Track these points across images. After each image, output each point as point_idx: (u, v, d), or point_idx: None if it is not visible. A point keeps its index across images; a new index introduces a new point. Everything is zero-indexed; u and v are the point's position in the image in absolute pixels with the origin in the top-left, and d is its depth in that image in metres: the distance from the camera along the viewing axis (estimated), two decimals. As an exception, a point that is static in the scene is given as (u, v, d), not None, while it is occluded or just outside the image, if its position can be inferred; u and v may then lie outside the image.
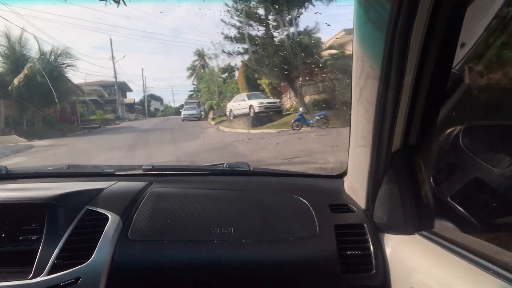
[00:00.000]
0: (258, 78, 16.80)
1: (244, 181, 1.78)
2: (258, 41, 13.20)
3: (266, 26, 13.08)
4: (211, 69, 25.48)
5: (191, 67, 31.06)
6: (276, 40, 13.24)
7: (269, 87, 16.75)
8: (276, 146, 8.64)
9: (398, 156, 1.19)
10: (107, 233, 1.33)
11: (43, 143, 13.00)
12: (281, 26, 12.76)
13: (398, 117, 1.10)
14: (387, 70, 1.02)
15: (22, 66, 16.28)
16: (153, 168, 1.74)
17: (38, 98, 15.66)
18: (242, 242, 1.36)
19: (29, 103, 15.81)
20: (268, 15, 12.94)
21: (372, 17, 1.03)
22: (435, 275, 1.00)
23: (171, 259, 1.32)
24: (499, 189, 1.11)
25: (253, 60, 13.38)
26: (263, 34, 13.19)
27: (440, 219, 1.18)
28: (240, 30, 12.97)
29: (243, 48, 13.79)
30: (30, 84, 15.63)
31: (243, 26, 12.89)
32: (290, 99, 16.68)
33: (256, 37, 13.28)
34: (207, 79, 23.58)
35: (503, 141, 1.15)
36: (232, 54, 13.40)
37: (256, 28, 13.19)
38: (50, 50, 17.13)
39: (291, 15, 11.94)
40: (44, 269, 1.24)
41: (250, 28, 13.30)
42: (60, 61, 17.32)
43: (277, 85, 15.77)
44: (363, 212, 1.43)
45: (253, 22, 13.16)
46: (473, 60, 1.18)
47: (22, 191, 1.53)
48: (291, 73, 13.33)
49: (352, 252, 1.32)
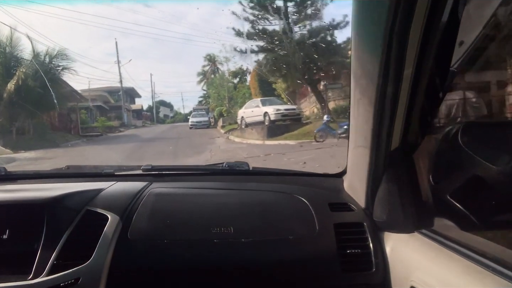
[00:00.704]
0: (273, 82, 14.84)
1: (243, 181, 1.76)
2: (275, 37, 11.06)
3: (285, 20, 10.90)
4: (221, 74, 24.90)
5: (201, 72, 30.89)
6: (296, 36, 11.04)
7: (286, 91, 14.70)
8: (303, 167, 6.39)
9: (397, 155, 1.19)
10: (106, 234, 1.31)
11: (28, 156, 11.54)
12: (302, 20, 10.54)
13: (397, 115, 1.11)
14: (386, 69, 1.03)
15: (14, 68, 14.52)
16: (153, 168, 1.73)
17: (30, 104, 13.95)
18: (241, 241, 1.34)
19: (20, 110, 14.09)
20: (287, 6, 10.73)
21: (370, 16, 1.03)
22: (435, 273, 1.00)
23: (171, 259, 1.32)
24: (499, 187, 1.09)
25: (270, 60, 11.22)
26: (282, 29, 11.01)
27: (440, 217, 1.18)
28: (254, 25, 10.83)
29: (257, 46, 11.66)
30: (21, 88, 13.85)
31: (257, 20, 10.77)
32: (310, 105, 14.56)
33: (273, 33, 11.12)
34: (217, 84, 22.88)
35: (502, 138, 1.15)
36: (244, 52, 11.24)
37: (273, 22, 11.02)
38: (45, 51, 15.32)
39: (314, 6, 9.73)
40: (44, 270, 1.22)
41: (266, 23, 11.15)
42: (56, 63, 15.54)
43: (295, 89, 13.61)
44: (363, 210, 1.42)
45: (270, 15, 11.02)
46: (471, 58, 1.18)
47: (21, 192, 1.53)
48: (314, 75, 11.11)
49: (352, 251, 1.32)
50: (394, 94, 1.06)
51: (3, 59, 14.72)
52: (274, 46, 11.63)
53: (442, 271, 0.98)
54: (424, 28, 0.93)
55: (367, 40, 1.08)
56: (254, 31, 11.02)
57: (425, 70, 1.00)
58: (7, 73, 14.37)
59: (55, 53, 15.28)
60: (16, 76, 13.84)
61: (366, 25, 1.06)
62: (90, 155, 11.42)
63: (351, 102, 1.27)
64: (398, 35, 0.95)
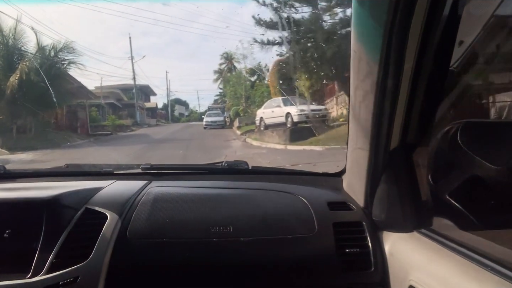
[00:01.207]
0: (295, 79, 13.26)
1: (243, 180, 1.76)
2: (302, 27, 9.47)
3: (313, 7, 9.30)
4: (238, 72, 23.79)
5: (218, 71, 29.78)
6: (326, 26, 9.40)
7: (310, 90, 13.09)
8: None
9: (396, 154, 1.19)
10: (105, 232, 1.31)
11: (24, 157, 10.55)
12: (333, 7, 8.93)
13: (396, 115, 1.11)
14: (385, 69, 1.04)
15: (17, 62, 13.33)
16: (152, 167, 1.72)
17: (32, 100, 12.74)
18: (241, 240, 1.33)
19: (21, 106, 12.88)
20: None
21: (370, 17, 1.04)
22: (434, 273, 1.00)
23: (170, 257, 1.31)
24: (497, 187, 1.10)
25: (297, 52, 9.61)
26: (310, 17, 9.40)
27: (439, 216, 1.18)
28: (278, 12, 9.25)
29: (280, 38, 10.08)
30: (23, 83, 12.62)
31: (282, 7, 9.19)
32: (337, 106, 12.97)
33: (299, 22, 9.50)
34: (234, 82, 21.75)
35: (501, 138, 1.15)
36: (265, 44, 9.67)
37: (300, 9, 9.42)
38: (51, 44, 14.03)
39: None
40: (43, 268, 1.21)
41: (292, 10, 9.56)
42: (61, 56, 14.25)
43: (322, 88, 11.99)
44: (362, 210, 1.42)
45: (296, 1, 9.41)
46: (471, 58, 1.19)
47: (20, 190, 1.54)
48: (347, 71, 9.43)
49: (350, 250, 1.32)
50: (394, 94, 1.07)
51: (5, 52, 13.56)
52: (300, 37, 10.02)
53: (441, 271, 0.98)
54: (423, 27, 0.94)
55: (366, 40, 1.08)
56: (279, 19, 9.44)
57: (424, 70, 1.02)
58: (9, 67, 13.21)
59: (61, 46, 14.05)
60: (18, 70, 12.62)
61: (365, 26, 1.07)
62: (91, 159, 10.00)
63: (351, 101, 1.27)
64: (397, 36, 0.97)
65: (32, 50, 13.91)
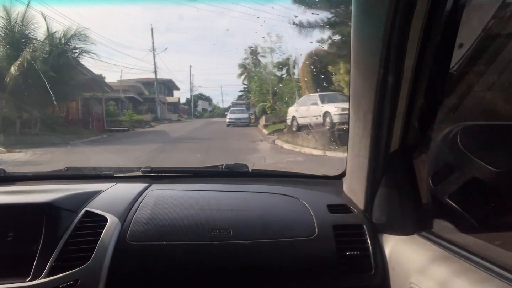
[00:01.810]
0: (331, 73, 11.29)
1: (243, 182, 1.77)
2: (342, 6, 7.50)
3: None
4: (264, 65, 22.06)
5: (242, 65, 28.13)
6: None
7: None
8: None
9: (396, 157, 1.19)
10: (106, 235, 1.30)
11: (20, 157, 9.31)
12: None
13: (396, 118, 1.11)
14: (385, 71, 1.03)
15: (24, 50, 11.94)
16: (152, 170, 1.73)
17: (37, 92, 11.34)
18: (241, 243, 1.32)
19: (27, 98, 11.48)
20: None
21: (370, 17, 1.03)
22: (434, 275, 1.00)
23: (170, 260, 1.30)
24: (498, 189, 1.09)
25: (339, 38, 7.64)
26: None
27: (439, 219, 1.17)
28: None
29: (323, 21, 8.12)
30: (28, 73, 11.18)
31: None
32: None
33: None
34: (259, 77, 20.12)
35: (501, 140, 1.14)
36: (305, 27, 7.74)
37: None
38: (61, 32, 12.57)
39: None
40: (43, 271, 1.22)
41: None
42: (72, 44, 12.76)
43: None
44: (362, 212, 1.42)
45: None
46: (471, 60, 1.16)
47: (20, 193, 1.54)
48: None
49: (351, 253, 1.31)
50: (393, 97, 1.06)
51: (10, 39, 12.19)
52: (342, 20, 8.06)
53: (441, 273, 0.97)
54: (423, 29, 0.94)
55: (366, 43, 1.07)
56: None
57: (424, 72, 1.01)
58: (15, 55, 11.85)
59: (73, 32, 12.57)
60: (20, 57, 11.20)
61: (365, 28, 1.06)
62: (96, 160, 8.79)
63: (350, 104, 1.27)
64: (397, 38, 0.96)
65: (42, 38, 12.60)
